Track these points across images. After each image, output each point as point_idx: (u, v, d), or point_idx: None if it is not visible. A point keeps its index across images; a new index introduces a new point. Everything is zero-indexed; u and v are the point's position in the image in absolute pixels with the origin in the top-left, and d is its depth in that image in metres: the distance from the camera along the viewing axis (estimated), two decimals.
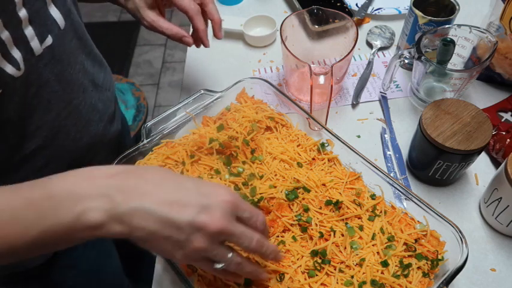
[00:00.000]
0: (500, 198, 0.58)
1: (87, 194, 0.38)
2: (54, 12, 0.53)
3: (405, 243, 0.54)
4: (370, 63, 0.84)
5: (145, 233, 0.39)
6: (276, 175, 0.61)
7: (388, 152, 0.71)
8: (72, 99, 0.59)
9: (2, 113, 0.49)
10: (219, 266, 0.43)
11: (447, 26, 0.72)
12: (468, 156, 0.60)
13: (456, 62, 0.78)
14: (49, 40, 0.52)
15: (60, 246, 0.42)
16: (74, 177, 0.40)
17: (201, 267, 0.49)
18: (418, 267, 0.52)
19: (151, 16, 0.64)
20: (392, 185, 0.58)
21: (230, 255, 0.43)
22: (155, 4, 0.65)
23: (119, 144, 0.78)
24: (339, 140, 0.62)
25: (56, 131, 0.58)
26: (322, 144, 0.65)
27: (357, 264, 0.53)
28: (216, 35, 0.68)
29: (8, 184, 0.40)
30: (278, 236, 0.56)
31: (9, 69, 0.47)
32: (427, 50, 0.72)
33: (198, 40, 0.67)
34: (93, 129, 0.65)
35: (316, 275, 0.52)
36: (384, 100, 0.78)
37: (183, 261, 0.43)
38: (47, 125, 0.56)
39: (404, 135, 0.73)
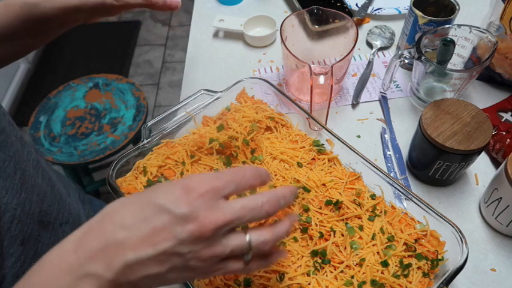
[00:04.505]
0: (500, 198, 0.58)
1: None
2: None
3: (405, 243, 0.54)
4: (370, 63, 0.84)
5: (151, 280, 0.33)
6: (276, 175, 0.61)
7: (388, 152, 0.71)
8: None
9: None
10: (248, 257, 0.36)
11: (447, 26, 0.72)
12: (468, 156, 0.60)
13: (456, 62, 0.77)
14: None
15: None
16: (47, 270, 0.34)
17: (234, 272, 0.37)
18: (418, 267, 0.52)
19: None
20: (392, 185, 0.58)
21: (247, 237, 0.35)
22: None
23: None
24: (339, 140, 0.62)
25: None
26: (317, 142, 0.65)
27: (357, 264, 0.53)
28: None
29: None
30: None
31: None
32: (427, 50, 0.72)
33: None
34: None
35: (316, 275, 0.52)
36: (384, 100, 0.78)
37: (209, 277, 0.38)
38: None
39: (404, 135, 0.73)
